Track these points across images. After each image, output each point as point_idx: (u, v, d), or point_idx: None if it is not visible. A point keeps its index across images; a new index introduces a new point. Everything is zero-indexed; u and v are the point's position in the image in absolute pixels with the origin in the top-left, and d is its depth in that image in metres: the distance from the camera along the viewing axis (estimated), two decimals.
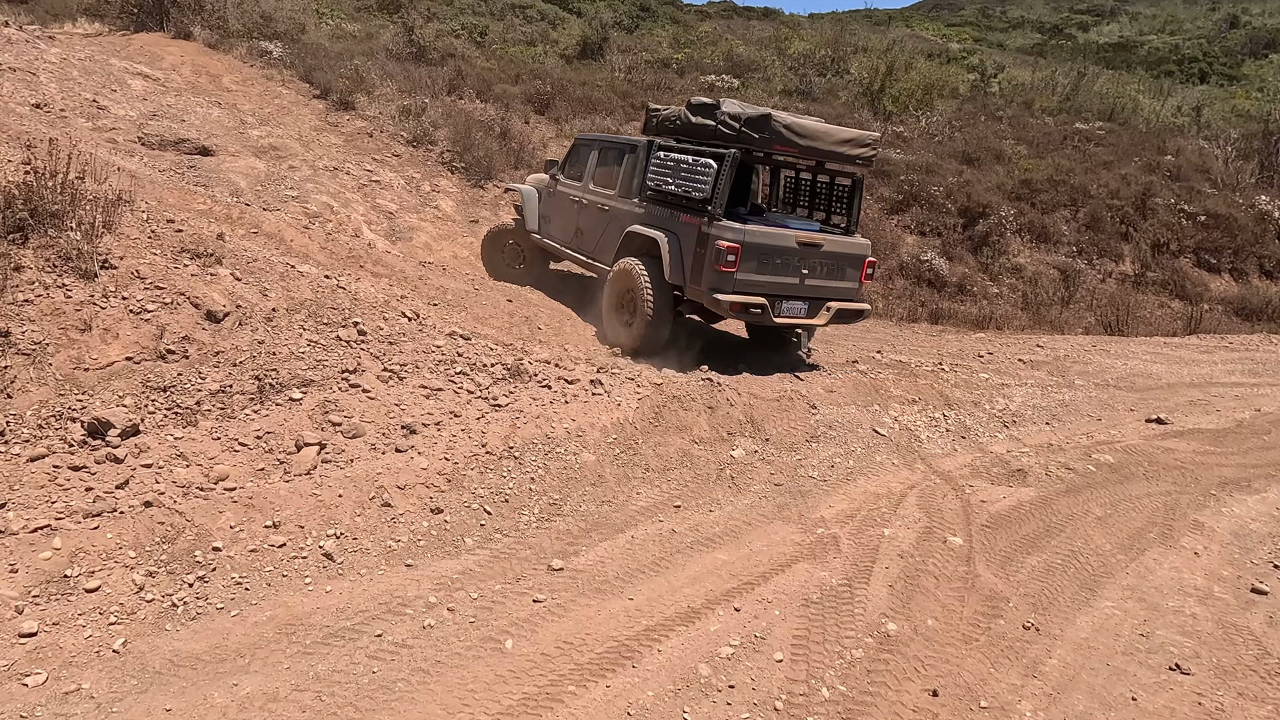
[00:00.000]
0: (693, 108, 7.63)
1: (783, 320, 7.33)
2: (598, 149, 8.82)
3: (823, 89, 23.06)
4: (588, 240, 8.63)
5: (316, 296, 6.15)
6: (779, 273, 7.10)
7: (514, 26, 26.25)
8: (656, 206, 7.63)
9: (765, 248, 6.99)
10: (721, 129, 7.13)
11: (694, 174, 7.09)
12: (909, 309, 12.20)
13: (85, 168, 6.54)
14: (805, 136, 6.96)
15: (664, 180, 7.46)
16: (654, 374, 6.58)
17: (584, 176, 8.86)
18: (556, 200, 9.24)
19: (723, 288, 6.91)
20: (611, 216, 8.21)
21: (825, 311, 7.48)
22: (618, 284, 7.74)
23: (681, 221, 7.22)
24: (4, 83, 11.13)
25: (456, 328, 6.97)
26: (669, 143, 7.70)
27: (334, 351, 5.62)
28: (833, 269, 7.42)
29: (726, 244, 6.78)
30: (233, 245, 6.44)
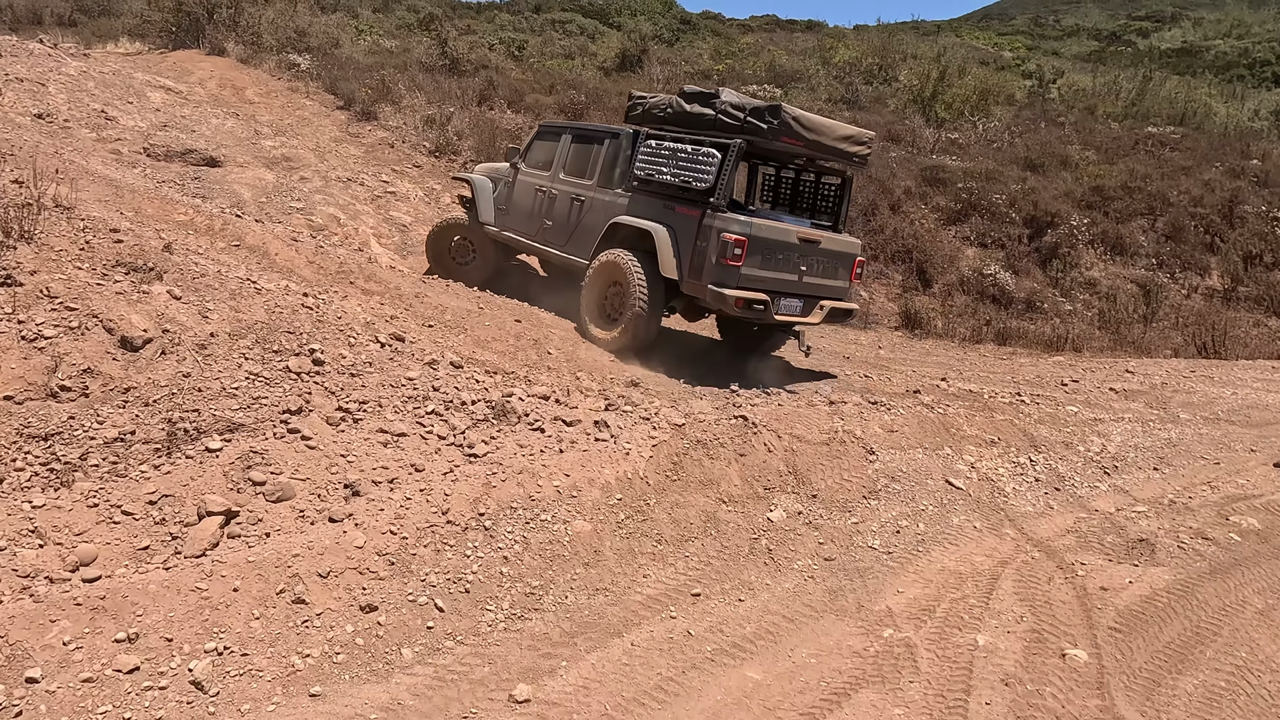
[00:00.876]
0: (687, 96, 7.13)
1: (781, 318, 6.97)
2: (570, 136, 8.13)
3: (870, 97, 21.62)
4: (557, 233, 7.98)
5: (271, 319, 5.03)
6: (779, 269, 6.74)
7: (552, 40, 25.36)
8: (646, 197, 7.12)
9: (769, 242, 6.62)
10: (723, 119, 6.72)
11: (695, 164, 6.63)
12: (972, 328, 10.72)
13: (21, 173, 5.57)
14: (811, 130, 6.62)
15: (656, 170, 6.95)
16: (674, 412, 5.30)
17: (553, 165, 8.15)
18: (518, 190, 8.52)
19: (727, 282, 6.47)
20: (589, 207, 7.66)
21: (819, 310, 7.16)
22: (602, 278, 7.17)
23: (678, 213, 6.77)
24: (8, 93, 10.42)
25: (446, 353, 5.83)
26: (660, 131, 7.16)
27: (278, 387, 4.48)
28: (828, 267, 7.12)
29: (734, 237, 6.37)
30: (180, 259, 5.38)
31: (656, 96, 7.58)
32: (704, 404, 6.08)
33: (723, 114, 6.75)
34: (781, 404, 6.21)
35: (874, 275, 12.00)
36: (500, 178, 8.86)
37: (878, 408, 6.26)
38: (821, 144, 6.79)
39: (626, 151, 7.43)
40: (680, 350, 8.48)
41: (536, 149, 8.52)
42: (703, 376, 7.34)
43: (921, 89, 20.51)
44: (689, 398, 6.34)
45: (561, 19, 28.32)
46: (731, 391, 6.54)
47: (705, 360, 8.03)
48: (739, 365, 7.82)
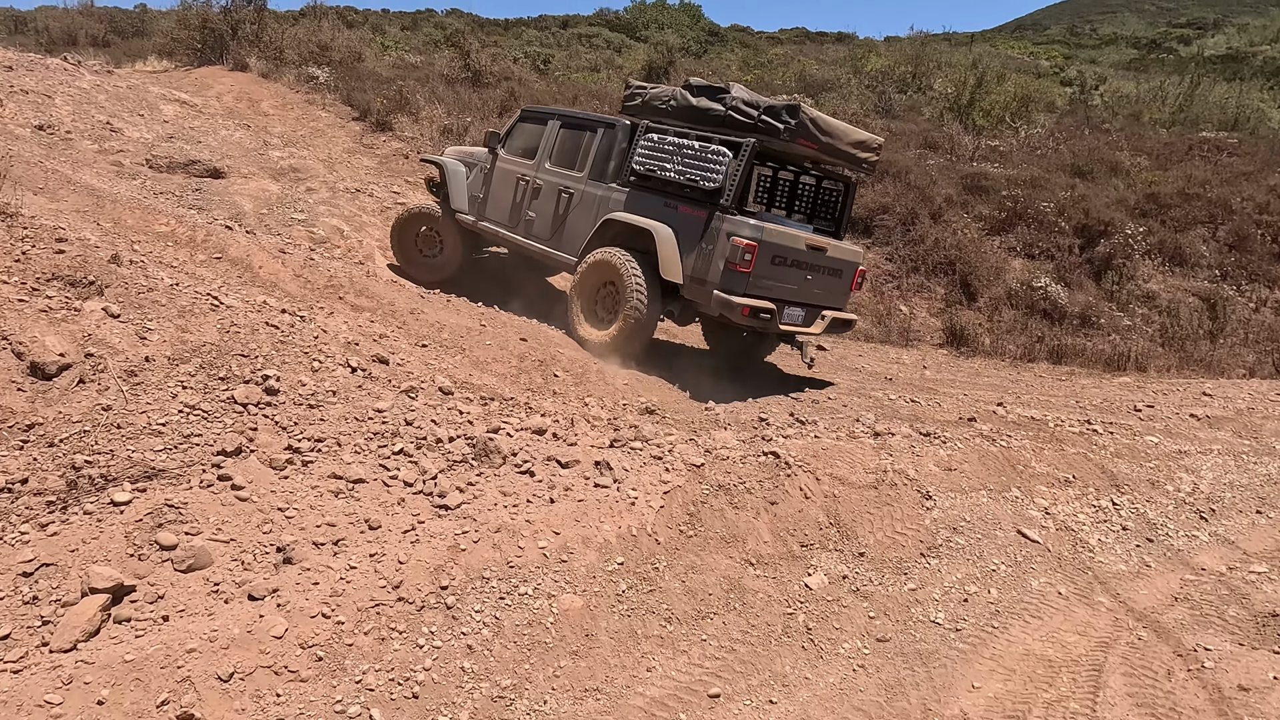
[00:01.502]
0: (694, 89, 6.66)
1: (785, 327, 6.54)
2: (558, 124, 7.51)
3: (904, 105, 20.64)
4: (542, 226, 7.40)
5: (223, 340, 4.27)
6: (785, 277, 6.32)
7: (578, 54, 24.76)
8: (645, 193, 6.63)
9: (778, 248, 6.18)
10: (733, 116, 6.26)
11: (703, 161, 6.18)
12: (1024, 345, 9.70)
13: None
14: (826, 133, 6.25)
15: (658, 165, 6.48)
16: (693, 448, 4.44)
17: (537, 154, 7.54)
18: (498, 178, 7.88)
19: (735, 289, 6.05)
20: (580, 201, 7.11)
21: (821, 320, 6.77)
22: (594, 277, 6.67)
23: (681, 212, 6.31)
24: (10, 104, 9.94)
25: (436, 377, 5.05)
26: (663, 125, 6.67)
27: (218, 422, 3.71)
28: (831, 275, 6.72)
29: (744, 241, 5.94)
30: (129, 271, 4.65)
31: (658, 87, 7.02)
32: (728, 435, 5.20)
33: (734, 111, 6.27)
34: (819, 435, 5.32)
35: (914, 288, 11.04)
36: (475, 162, 8.20)
37: (930, 440, 5.34)
38: (834, 148, 6.39)
39: (623, 144, 6.92)
40: (703, 363, 7.63)
41: (519, 135, 7.86)
42: (723, 391, 6.48)
43: (958, 96, 19.49)
44: (711, 427, 5.48)
45: (588, 33, 27.74)
46: (760, 421, 5.66)
47: (731, 376, 7.16)
48: (759, 379, 6.96)
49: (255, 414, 3.83)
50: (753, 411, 6.01)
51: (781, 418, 5.89)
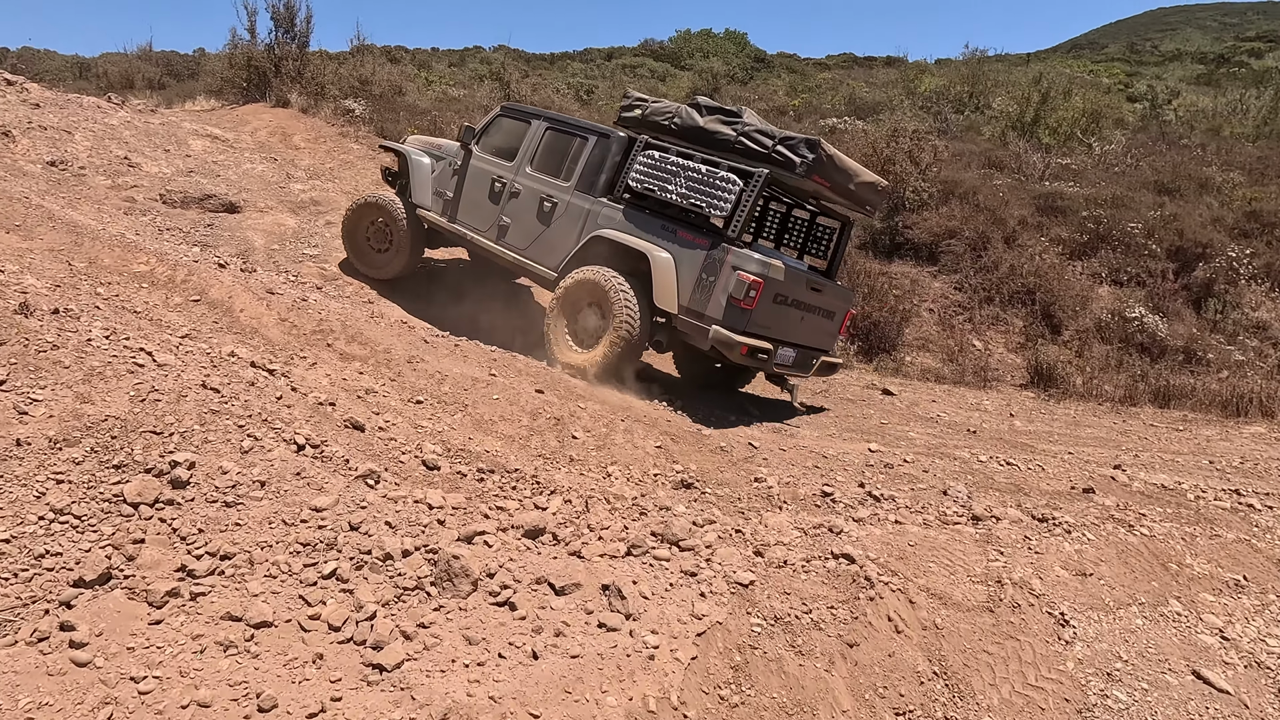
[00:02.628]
0: (704, 109, 6.14)
1: (778, 369, 6.10)
2: (544, 126, 6.88)
3: (961, 125, 19.25)
4: (518, 234, 6.79)
5: (134, 412, 3.27)
6: (782, 316, 5.90)
7: (622, 84, 24.00)
8: (641, 214, 6.07)
9: (782, 286, 5.74)
10: (745, 142, 5.80)
11: (710, 188, 5.69)
12: (1123, 386, 8.25)
13: None
14: (841, 172, 5.82)
15: (659, 185, 5.95)
16: (738, 553, 3.25)
17: (517, 155, 6.90)
18: (471, 177, 7.22)
19: (736, 326, 5.56)
20: (564, 212, 6.51)
21: (812, 363, 6.33)
22: (577, 296, 6.11)
23: (681, 238, 5.80)
24: (24, 140, 9.39)
25: (425, 444, 4.01)
26: (664, 143, 6.14)
27: (93, 532, 2.68)
28: (824, 316, 6.34)
29: (750, 277, 5.47)
30: (38, 324, 3.71)
31: (661, 102, 6.43)
32: (784, 520, 4.01)
33: (746, 137, 5.82)
34: (900, 520, 4.07)
35: (989, 320, 9.66)
36: (443, 155, 7.53)
37: (1049, 527, 4.04)
38: (846, 188, 5.96)
39: (617, 157, 6.35)
40: (719, 398, 6.45)
41: (496, 133, 7.20)
42: (775, 437, 5.27)
43: (1021, 114, 18.05)
44: (762, 507, 4.28)
45: (632, 64, 27.02)
46: (824, 497, 4.43)
47: (780, 414, 5.96)
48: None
49: (147, 519, 2.79)
50: (813, 481, 4.79)
51: (849, 490, 4.66)
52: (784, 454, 5.34)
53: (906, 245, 10.85)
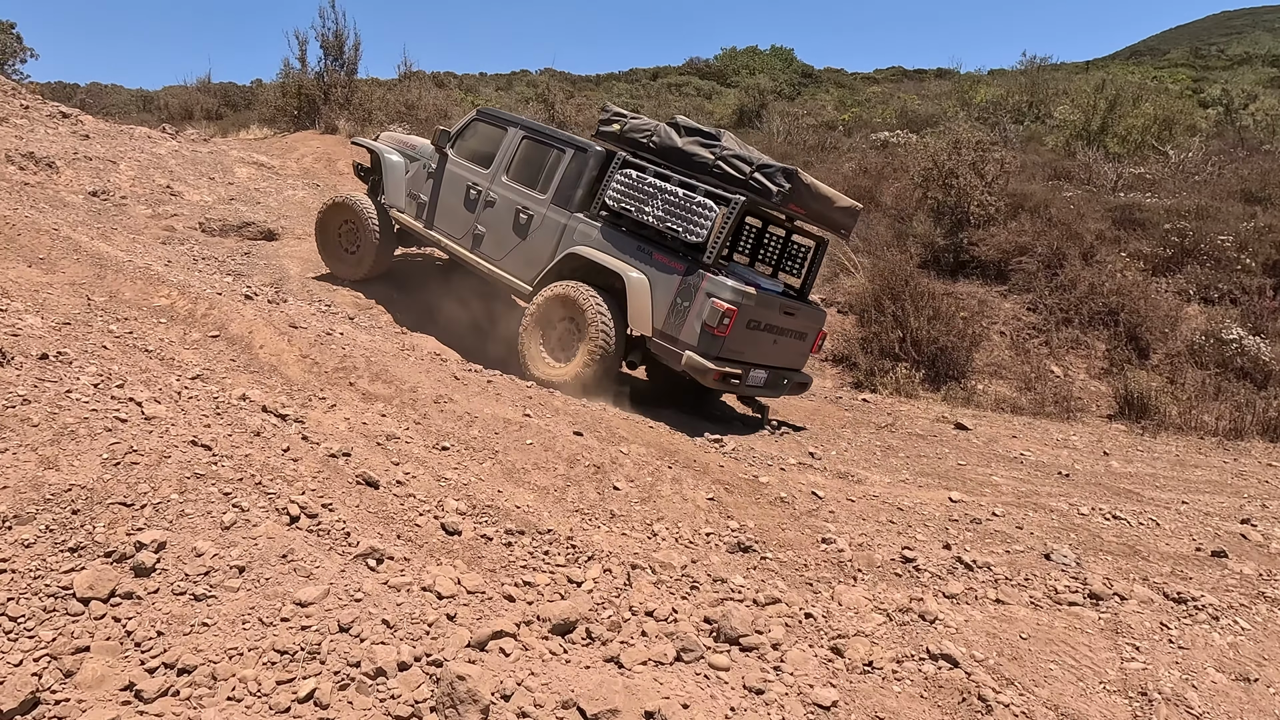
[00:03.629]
0: (682, 128, 5.99)
1: (749, 390, 6.04)
2: (520, 134, 6.70)
3: (1022, 136, 18.27)
4: (492, 244, 6.64)
5: (103, 479, 2.79)
6: (755, 340, 5.82)
7: (667, 103, 23.56)
8: (618, 233, 5.97)
9: (756, 312, 5.66)
10: (722, 166, 5.69)
11: (687, 212, 5.60)
12: (1227, 416, 7.32)
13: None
14: (817, 199, 5.79)
15: (636, 206, 5.84)
16: (814, 652, 2.62)
17: (493, 163, 6.74)
18: (446, 182, 7.07)
19: (710, 351, 5.51)
20: (540, 226, 6.38)
21: (783, 384, 6.28)
22: (552, 311, 6.01)
23: (657, 260, 5.73)
24: (67, 171, 9.28)
25: (447, 501, 3.50)
26: (642, 162, 5.99)
27: (27, 638, 2.18)
28: (796, 337, 6.24)
29: (725, 305, 5.42)
30: (13, 374, 3.28)
31: (639, 118, 6.22)
32: (860, 596, 3.35)
33: (724, 161, 5.70)
34: (1001, 598, 3.37)
35: (1067, 343, 8.80)
36: (417, 156, 7.39)
37: (1186, 609, 3.29)
38: (821, 214, 5.94)
39: (593, 172, 6.23)
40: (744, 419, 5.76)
41: (472, 137, 7.03)
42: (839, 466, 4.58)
43: (1087, 122, 17.01)
44: (833, 577, 3.62)
45: (678, 82, 26.60)
46: (906, 564, 3.76)
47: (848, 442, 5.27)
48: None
49: (98, 618, 2.29)
50: (890, 542, 4.11)
51: (934, 553, 3.97)
52: (852, 505, 4.67)
53: (972, 263, 10.05)
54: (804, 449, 5.81)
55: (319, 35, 18.01)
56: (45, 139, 9.98)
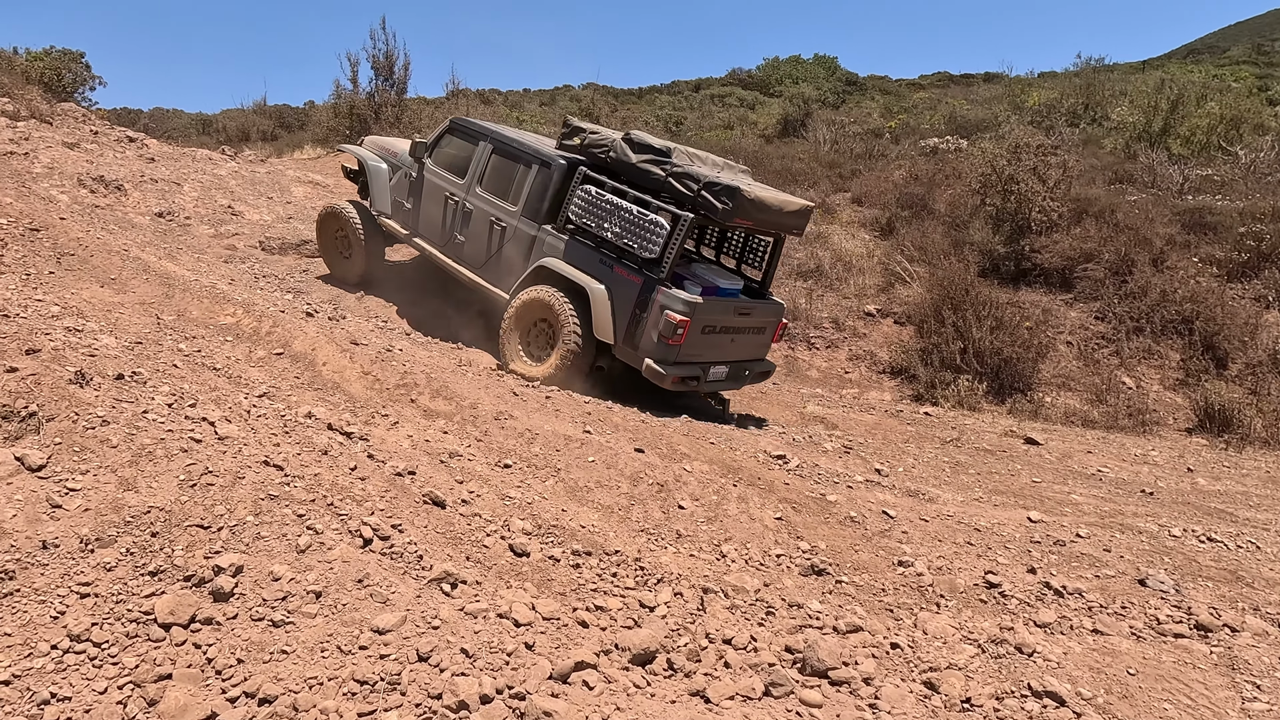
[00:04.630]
0: (635, 145, 6.12)
1: (709, 387, 6.32)
2: (490, 146, 6.82)
3: (1078, 140, 17.72)
4: (472, 253, 6.88)
5: (181, 501, 2.78)
6: (713, 342, 6.10)
7: (711, 114, 23.47)
8: (582, 246, 6.21)
9: (710, 320, 5.96)
10: (673, 184, 5.88)
11: (640, 229, 5.83)
12: None
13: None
14: (763, 210, 5.90)
15: (595, 221, 6.08)
16: (907, 687, 2.46)
17: (468, 174, 6.89)
18: (426, 192, 7.24)
19: (666, 359, 5.82)
20: (513, 237, 6.59)
21: (745, 375, 6.59)
22: (528, 314, 6.31)
23: (617, 274, 5.98)
24: (135, 193, 9.56)
25: (513, 521, 3.44)
26: (600, 177, 6.18)
27: (111, 665, 2.16)
28: (755, 332, 6.48)
29: (678, 317, 5.72)
30: (93, 395, 3.31)
31: (598, 132, 6.36)
32: (947, 625, 3.19)
33: (674, 179, 5.87)
34: (1100, 628, 3.17)
35: (1139, 353, 8.43)
36: (399, 164, 7.52)
37: None
38: (768, 221, 6.08)
39: (558, 185, 6.39)
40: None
41: (448, 147, 7.16)
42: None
43: (1148, 123, 16.43)
44: (914, 603, 3.46)
45: (720, 93, 26.50)
46: (991, 589, 3.57)
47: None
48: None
49: (179, 645, 2.26)
50: (971, 565, 3.91)
51: (1019, 578, 3.77)
52: (926, 526, 4.48)
53: (1035, 271, 9.72)
54: (869, 465, 5.62)
55: (370, 56, 18.37)
56: (114, 163, 10.30)
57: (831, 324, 9.42)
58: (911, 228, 11.44)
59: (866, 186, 13.66)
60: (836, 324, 9.43)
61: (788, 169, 14.85)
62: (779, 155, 16.12)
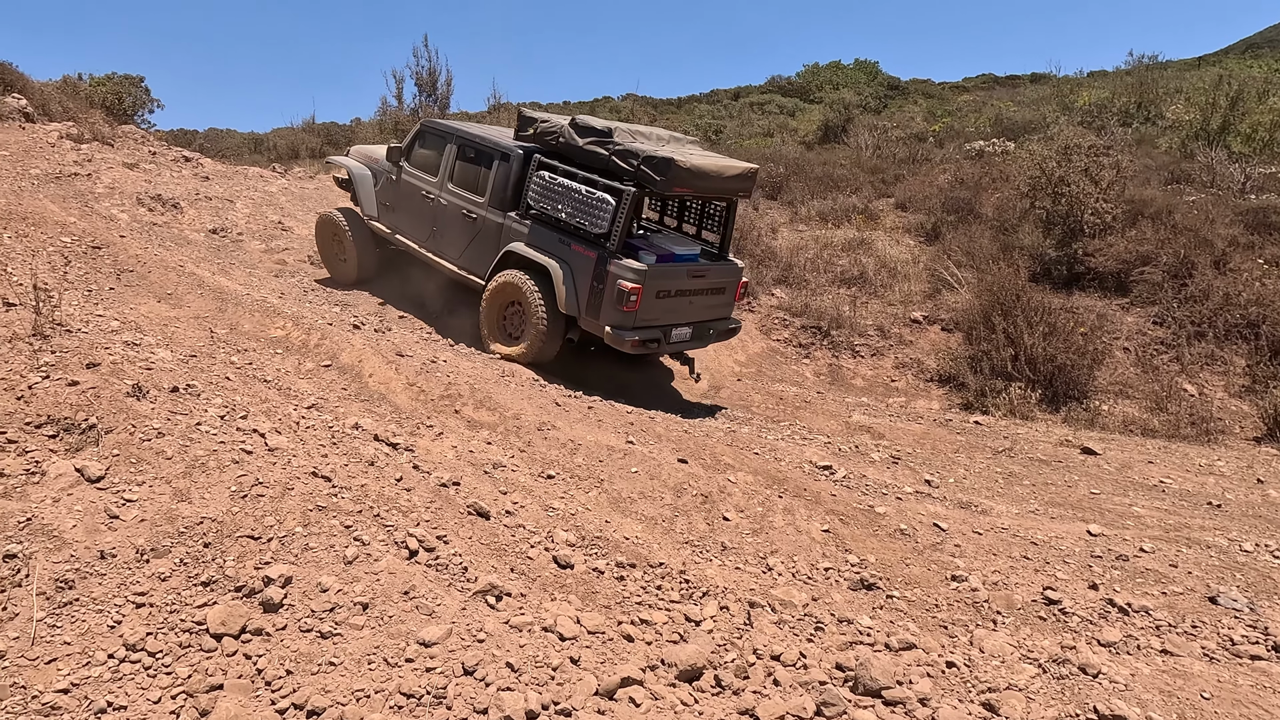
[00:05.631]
0: (580, 129, 6.46)
1: (672, 348, 6.71)
2: (456, 144, 7.24)
3: (1131, 139, 17.19)
4: (449, 244, 7.31)
5: (232, 512, 2.83)
6: (670, 306, 6.45)
7: (750, 122, 23.36)
8: (543, 229, 6.60)
9: (662, 285, 6.31)
10: (616, 162, 6.21)
11: (589, 207, 6.24)
12: None
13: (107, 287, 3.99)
14: (703, 177, 6.19)
15: (551, 205, 6.49)
16: (969, 708, 2.36)
17: (439, 172, 7.34)
18: (403, 191, 7.70)
19: (625, 325, 6.21)
20: (482, 227, 7.01)
21: (709, 334, 6.91)
22: (500, 298, 6.75)
23: (574, 251, 6.37)
24: (190, 211, 9.86)
25: (557, 533, 3.41)
26: (552, 163, 6.57)
27: (164, 674, 2.19)
28: (714, 293, 6.82)
29: (630, 285, 6.08)
30: (148, 408, 3.40)
31: (549, 120, 6.70)
32: (1004, 643, 3.06)
33: (617, 157, 6.20)
34: (1169, 648, 3.03)
35: (1201, 359, 8.10)
36: (381, 170, 7.95)
37: None
38: (710, 188, 6.37)
39: (517, 175, 6.78)
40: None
41: (421, 149, 7.56)
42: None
43: (1205, 121, 15.85)
44: (968, 618, 3.34)
45: (760, 101, 26.37)
46: (1050, 605, 3.43)
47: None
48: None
49: (230, 655, 2.28)
50: (1028, 580, 3.77)
51: (1080, 594, 3.62)
52: (979, 539, 4.34)
53: (1088, 275, 9.42)
54: (919, 476, 5.48)
55: (414, 73, 18.74)
56: (171, 182, 10.65)
57: (876, 331, 9.25)
58: (958, 232, 11.19)
59: (910, 191, 13.43)
60: (881, 331, 9.25)
61: (829, 175, 14.68)
62: (820, 161, 15.95)
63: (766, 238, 11.44)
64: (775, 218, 12.84)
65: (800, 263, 10.59)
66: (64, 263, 5.92)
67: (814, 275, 10.39)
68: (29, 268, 5.41)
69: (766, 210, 13.20)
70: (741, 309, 9.71)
